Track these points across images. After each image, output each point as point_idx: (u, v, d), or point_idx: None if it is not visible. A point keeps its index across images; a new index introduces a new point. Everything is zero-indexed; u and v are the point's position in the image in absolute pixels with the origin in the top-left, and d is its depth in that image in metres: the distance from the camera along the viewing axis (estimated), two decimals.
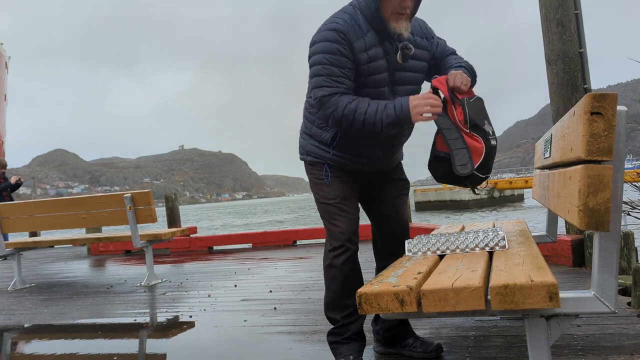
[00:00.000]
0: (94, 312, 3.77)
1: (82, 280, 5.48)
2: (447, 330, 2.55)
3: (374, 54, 2.03)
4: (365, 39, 2.02)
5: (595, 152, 1.25)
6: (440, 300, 1.30)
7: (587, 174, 1.26)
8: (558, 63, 4.13)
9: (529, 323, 1.36)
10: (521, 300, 1.23)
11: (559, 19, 4.10)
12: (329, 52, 1.98)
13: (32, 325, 3.53)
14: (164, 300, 4.03)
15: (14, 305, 4.31)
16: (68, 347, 2.94)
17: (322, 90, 1.99)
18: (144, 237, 4.80)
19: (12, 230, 5.30)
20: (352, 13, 2.04)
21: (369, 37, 2.02)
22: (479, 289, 1.28)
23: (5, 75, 28.79)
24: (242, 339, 2.79)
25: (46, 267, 6.86)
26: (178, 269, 5.70)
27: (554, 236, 2.81)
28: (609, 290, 1.33)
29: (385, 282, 1.45)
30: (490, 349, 2.22)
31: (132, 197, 4.61)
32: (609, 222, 1.25)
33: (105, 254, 7.79)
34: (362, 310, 1.39)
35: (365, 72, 2.04)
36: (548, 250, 3.96)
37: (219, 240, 7.71)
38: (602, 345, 2.15)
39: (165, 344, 2.83)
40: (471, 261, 1.62)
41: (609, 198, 1.24)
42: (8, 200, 9.15)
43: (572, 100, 4.06)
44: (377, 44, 2.03)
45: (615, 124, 1.24)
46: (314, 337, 2.66)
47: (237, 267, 5.43)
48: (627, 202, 3.29)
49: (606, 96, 1.25)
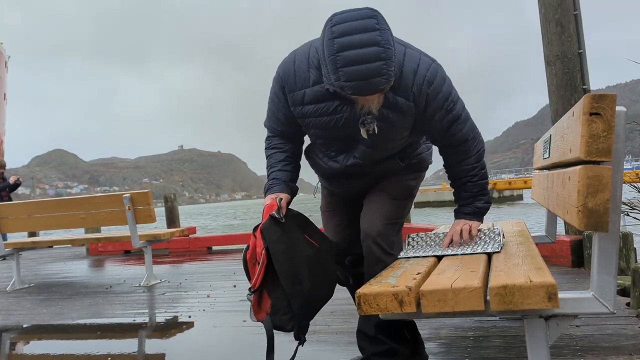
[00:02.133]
0: (93, 312, 3.76)
1: (81, 280, 5.48)
2: (447, 331, 2.55)
3: (313, 111, 1.78)
4: (307, 91, 1.77)
5: (594, 152, 1.25)
6: (439, 300, 1.30)
7: (586, 174, 1.26)
8: (557, 63, 4.14)
9: (528, 323, 1.36)
10: (520, 300, 1.23)
11: (558, 19, 4.10)
12: (272, 91, 1.89)
13: (31, 326, 3.53)
14: (163, 300, 4.02)
15: (13, 305, 4.30)
16: (67, 347, 2.94)
17: (266, 120, 2.00)
18: (143, 237, 4.80)
19: (11, 230, 5.29)
20: (303, 57, 1.79)
21: (314, 90, 1.75)
22: (478, 290, 1.28)
23: (5, 74, 28.80)
24: (241, 339, 2.79)
25: (45, 267, 6.85)
26: (177, 269, 5.70)
27: (553, 237, 2.81)
28: (608, 291, 1.34)
29: (385, 282, 1.45)
30: (490, 349, 2.22)
31: (131, 197, 4.60)
32: (608, 222, 1.25)
33: (104, 254, 7.78)
34: (361, 310, 1.39)
35: (305, 126, 1.86)
36: (547, 250, 3.96)
37: (218, 241, 7.71)
38: (601, 345, 2.15)
39: (164, 344, 2.83)
40: (470, 262, 1.62)
41: (608, 199, 1.24)
42: (7, 200, 9.14)
43: (571, 100, 4.07)
44: (324, 101, 1.74)
45: (614, 125, 1.24)
46: (313, 337, 2.66)
47: (236, 268, 5.42)
48: (626, 202, 3.30)
49: (605, 97, 1.25)
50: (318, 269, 1.83)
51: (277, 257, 1.73)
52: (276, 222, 1.79)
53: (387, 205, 1.98)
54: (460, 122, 1.81)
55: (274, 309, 1.76)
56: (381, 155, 1.90)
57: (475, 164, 1.90)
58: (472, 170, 1.91)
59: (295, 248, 1.79)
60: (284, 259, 1.74)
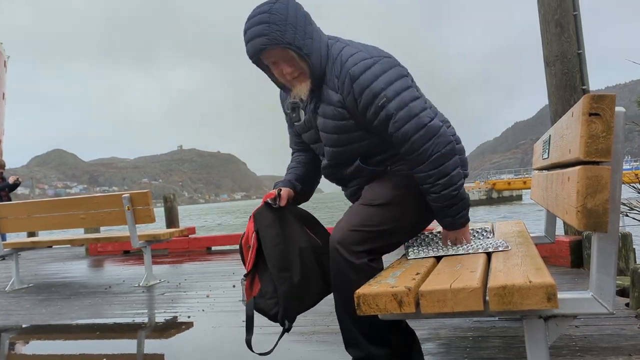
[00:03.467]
0: (92, 313, 3.76)
1: (81, 280, 5.48)
2: (446, 331, 2.55)
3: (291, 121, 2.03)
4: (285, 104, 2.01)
5: (593, 153, 1.25)
6: (438, 301, 1.30)
7: (586, 175, 1.26)
8: (557, 64, 4.14)
9: (527, 324, 1.36)
10: (519, 301, 1.23)
11: (557, 20, 4.11)
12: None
13: (30, 326, 3.53)
14: (163, 300, 4.02)
15: (12, 305, 4.30)
16: (66, 347, 2.94)
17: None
18: (143, 237, 4.80)
19: (10, 230, 5.29)
20: None
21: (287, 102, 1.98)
22: (477, 290, 1.28)
23: (4, 74, 28.82)
24: (240, 339, 2.78)
25: (44, 267, 6.85)
26: (176, 269, 5.69)
27: (553, 237, 2.81)
28: (607, 291, 1.33)
29: (384, 282, 1.45)
30: (489, 350, 2.22)
31: (130, 197, 4.60)
32: (607, 223, 1.25)
33: (103, 254, 7.78)
34: (360, 311, 1.39)
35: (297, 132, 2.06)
36: (546, 251, 3.96)
37: (218, 241, 7.71)
38: (600, 346, 2.15)
39: (164, 344, 2.83)
40: (470, 262, 1.62)
41: (607, 199, 1.24)
42: (6, 200, 9.14)
43: (571, 101, 4.07)
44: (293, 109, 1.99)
45: (613, 125, 1.24)
46: (313, 337, 2.66)
47: (235, 268, 5.42)
48: (626, 203, 3.30)
49: (604, 97, 1.25)
50: (312, 264, 1.83)
51: (265, 241, 1.77)
52: (270, 208, 1.84)
53: (359, 211, 1.85)
54: (396, 120, 1.69)
55: (260, 293, 1.79)
56: (347, 156, 1.90)
57: (431, 171, 1.70)
58: (428, 178, 1.72)
59: (288, 237, 1.82)
60: (272, 244, 1.76)
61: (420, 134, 1.69)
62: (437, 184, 1.72)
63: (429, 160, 1.70)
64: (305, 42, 1.73)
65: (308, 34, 1.74)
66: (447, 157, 1.71)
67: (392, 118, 1.70)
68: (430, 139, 1.69)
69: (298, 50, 1.72)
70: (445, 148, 1.70)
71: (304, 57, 1.74)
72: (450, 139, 1.73)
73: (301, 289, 1.78)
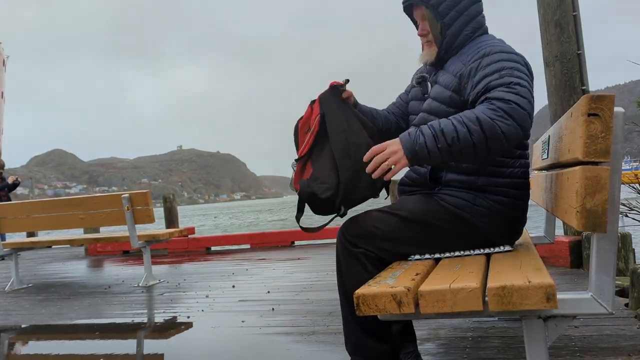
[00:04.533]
0: (91, 313, 3.76)
1: (80, 280, 5.47)
2: (445, 331, 2.55)
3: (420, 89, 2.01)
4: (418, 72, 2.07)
5: (592, 153, 1.25)
6: (438, 301, 1.30)
7: (585, 175, 1.26)
8: (556, 64, 4.14)
9: (527, 324, 1.36)
10: (519, 301, 1.23)
11: (557, 20, 4.11)
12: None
13: (30, 326, 3.52)
14: (162, 300, 4.02)
15: (12, 305, 4.30)
16: (65, 347, 2.94)
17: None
18: (142, 237, 4.80)
19: (10, 231, 5.29)
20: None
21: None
22: (476, 290, 1.28)
23: (4, 73, 28.81)
24: (240, 339, 2.79)
25: (44, 267, 6.85)
26: (176, 270, 5.69)
27: (552, 237, 2.81)
28: (606, 292, 1.34)
29: (383, 283, 1.45)
30: (488, 350, 2.22)
31: (130, 197, 4.60)
32: (606, 223, 1.25)
33: (103, 255, 7.78)
34: (359, 311, 1.39)
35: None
36: (546, 251, 3.97)
37: (217, 241, 7.71)
38: (600, 346, 2.15)
39: (163, 344, 2.83)
40: (469, 263, 1.62)
41: (607, 199, 1.24)
42: (5, 200, 9.14)
43: (570, 101, 4.07)
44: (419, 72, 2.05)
45: (612, 126, 1.24)
46: (312, 337, 2.66)
47: (235, 268, 5.42)
48: (625, 203, 3.30)
49: (604, 97, 1.25)
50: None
51: (332, 127, 1.75)
52: (337, 95, 1.83)
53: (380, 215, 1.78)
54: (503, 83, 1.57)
55: (313, 177, 1.76)
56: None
57: (475, 124, 1.49)
58: (461, 119, 1.52)
59: (351, 128, 1.80)
60: (339, 129, 1.75)
61: (511, 108, 1.52)
62: (465, 131, 1.50)
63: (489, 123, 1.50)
64: (450, 13, 1.80)
65: (460, 9, 1.80)
66: (502, 133, 1.51)
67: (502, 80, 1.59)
68: (506, 118, 1.52)
69: (436, 13, 1.80)
70: (508, 128, 1.51)
71: (440, 24, 1.81)
72: (519, 133, 1.53)
73: (359, 179, 1.76)
